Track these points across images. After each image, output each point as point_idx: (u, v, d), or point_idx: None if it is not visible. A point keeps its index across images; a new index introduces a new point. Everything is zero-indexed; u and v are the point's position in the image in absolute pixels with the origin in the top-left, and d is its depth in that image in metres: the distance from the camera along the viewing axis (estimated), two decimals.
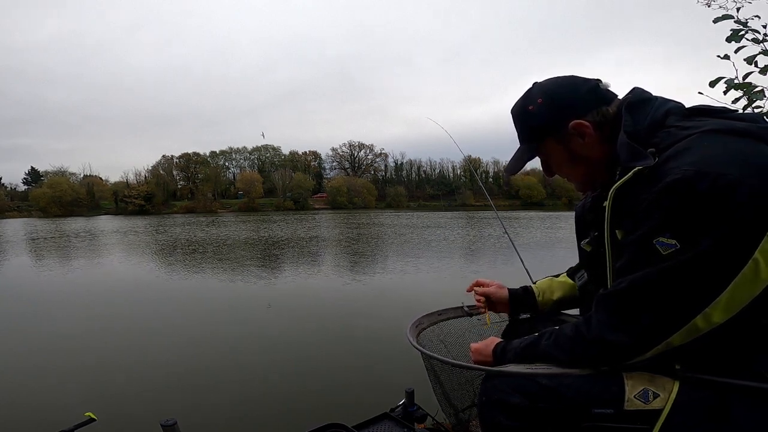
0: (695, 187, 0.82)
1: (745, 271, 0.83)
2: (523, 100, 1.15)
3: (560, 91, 1.10)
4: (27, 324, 6.15)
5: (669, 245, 0.86)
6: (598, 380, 1.00)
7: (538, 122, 1.11)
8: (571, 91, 1.09)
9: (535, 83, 1.15)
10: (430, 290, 8.05)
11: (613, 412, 0.97)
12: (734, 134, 0.90)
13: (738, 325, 0.88)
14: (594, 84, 1.09)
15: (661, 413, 0.94)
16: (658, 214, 0.86)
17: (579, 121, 1.05)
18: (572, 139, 1.08)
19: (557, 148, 1.11)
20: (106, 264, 12.84)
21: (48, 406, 3.54)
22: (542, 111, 1.10)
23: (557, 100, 1.09)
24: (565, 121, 1.07)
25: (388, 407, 2.14)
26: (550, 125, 1.09)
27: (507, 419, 1.05)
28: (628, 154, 0.96)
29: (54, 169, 77.79)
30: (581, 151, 1.09)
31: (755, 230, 0.82)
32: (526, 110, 1.13)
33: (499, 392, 1.07)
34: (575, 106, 1.07)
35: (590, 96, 1.07)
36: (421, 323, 1.64)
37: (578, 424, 0.99)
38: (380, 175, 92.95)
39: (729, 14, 2.12)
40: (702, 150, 0.86)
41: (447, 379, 1.54)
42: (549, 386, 1.02)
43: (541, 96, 1.11)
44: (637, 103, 1.03)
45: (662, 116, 0.99)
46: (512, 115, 1.19)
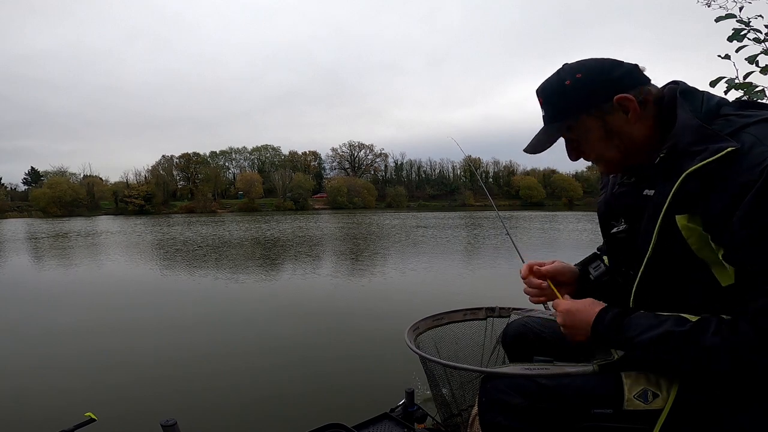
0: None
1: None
2: (557, 77, 1.09)
3: (601, 66, 1.06)
4: (27, 324, 6.14)
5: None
6: (597, 381, 1.01)
7: (576, 97, 1.05)
8: (613, 66, 1.05)
9: (566, 63, 1.11)
10: (430, 290, 8.04)
11: (612, 412, 0.97)
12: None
13: None
14: (634, 65, 1.06)
15: (660, 413, 0.94)
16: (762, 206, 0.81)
17: (625, 95, 1.01)
18: (614, 114, 1.03)
19: (594, 124, 1.06)
20: (106, 264, 12.84)
21: (48, 406, 3.54)
22: (582, 85, 1.05)
23: (599, 75, 1.05)
24: (607, 95, 1.02)
25: (388, 407, 2.14)
26: (590, 99, 1.04)
27: (507, 419, 1.05)
28: (698, 137, 0.92)
29: (54, 170, 77.87)
30: (622, 127, 1.04)
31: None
32: (563, 85, 1.07)
33: (499, 392, 1.07)
34: (618, 81, 1.03)
35: (632, 74, 1.05)
36: (419, 327, 1.64)
37: (579, 424, 0.99)
38: (380, 175, 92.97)
39: (731, 13, 2.12)
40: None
41: (444, 382, 1.54)
42: (548, 386, 1.02)
43: (580, 71, 1.06)
44: (688, 92, 1.01)
45: (715, 106, 0.97)
46: (542, 93, 1.12)
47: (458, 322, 1.74)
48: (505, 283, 8.42)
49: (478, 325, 1.75)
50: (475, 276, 9.69)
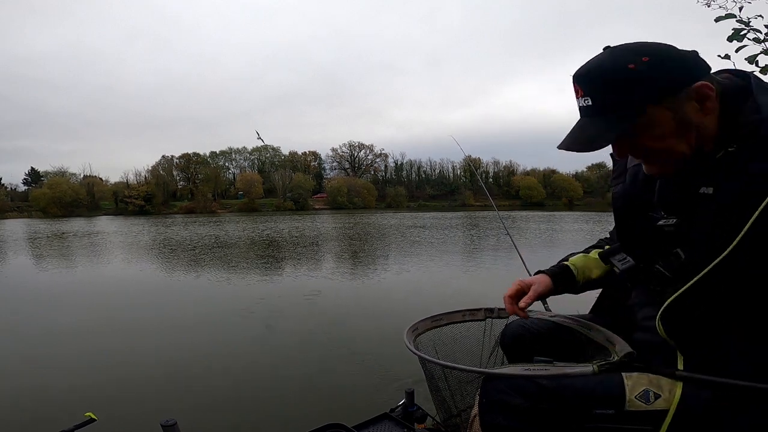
0: None
1: None
2: (614, 59, 0.92)
3: (668, 49, 0.92)
4: (26, 324, 6.15)
5: None
6: (598, 381, 1.00)
7: (646, 83, 0.89)
8: (682, 52, 0.92)
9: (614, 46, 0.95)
10: (430, 290, 8.04)
11: (614, 413, 0.97)
12: None
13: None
14: (695, 51, 0.94)
15: (664, 414, 0.93)
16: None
17: (705, 82, 0.89)
18: (688, 104, 0.90)
19: (666, 115, 0.91)
20: (106, 264, 12.84)
21: (48, 406, 3.54)
22: (652, 69, 0.89)
23: (671, 59, 0.90)
24: (684, 81, 0.89)
25: (388, 407, 2.14)
26: (666, 86, 0.89)
27: (507, 420, 1.04)
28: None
29: (54, 170, 77.82)
30: (696, 119, 0.91)
31: None
32: (625, 69, 0.90)
33: (500, 393, 1.06)
34: (694, 66, 0.91)
35: (701, 61, 0.93)
36: (417, 328, 1.64)
37: (581, 425, 0.99)
38: (380, 176, 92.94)
39: (731, 13, 2.12)
40: None
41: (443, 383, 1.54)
42: (549, 387, 1.01)
43: (646, 54, 0.90)
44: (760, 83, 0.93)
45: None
46: (590, 79, 0.95)
47: (457, 323, 1.74)
48: (505, 283, 8.41)
49: (477, 326, 1.75)
50: (474, 276, 9.69)
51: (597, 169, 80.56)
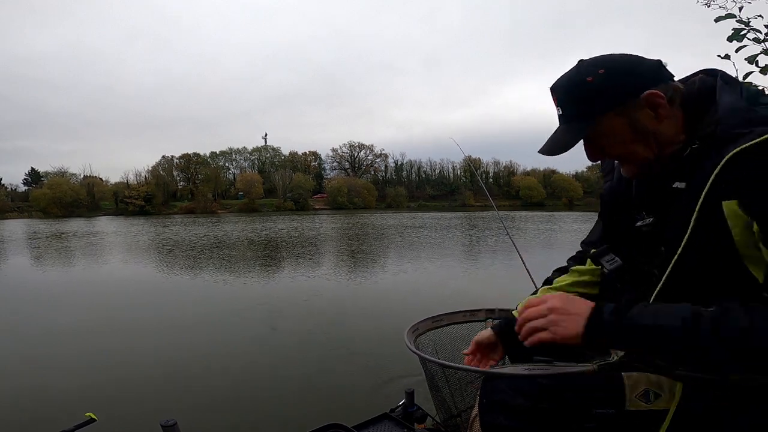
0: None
1: None
2: (578, 73, 1.03)
3: (625, 61, 1.01)
4: (26, 323, 6.15)
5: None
6: (598, 381, 1.00)
7: (599, 94, 0.99)
8: (636, 62, 1.01)
9: (582, 59, 1.05)
10: (430, 290, 8.04)
11: (614, 413, 0.97)
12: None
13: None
14: (658, 60, 1.02)
15: (664, 414, 0.93)
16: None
17: (653, 91, 0.96)
18: (641, 112, 0.98)
19: (620, 122, 0.99)
20: (105, 264, 12.84)
21: (48, 406, 3.54)
22: (605, 81, 0.99)
23: (623, 70, 0.99)
24: (633, 91, 0.97)
25: (388, 407, 2.14)
26: (616, 96, 0.98)
27: (508, 420, 1.04)
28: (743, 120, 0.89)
29: (54, 170, 77.85)
30: (650, 125, 0.98)
31: None
32: (584, 81, 1.01)
33: (500, 393, 1.06)
34: (644, 76, 0.99)
35: (657, 69, 1.00)
36: (418, 328, 1.64)
37: (581, 425, 0.99)
38: (380, 176, 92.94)
39: (731, 13, 2.12)
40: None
41: (443, 383, 1.54)
42: (549, 387, 1.01)
43: (602, 67, 1.00)
44: (730, 80, 0.98)
45: (755, 95, 0.95)
46: (560, 90, 1.05)
47: (458, 323, 1.74)
48: (506, 284, 8.42)
49: (477, 327, 1.75)
50: (474, 276, 9.69)
51: (597, 170, 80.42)
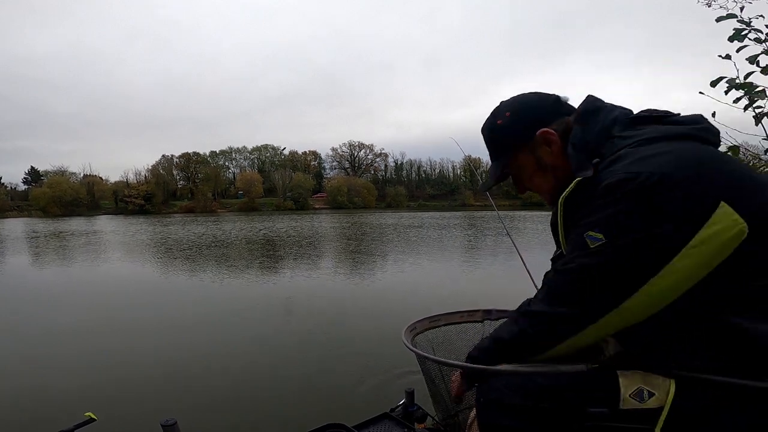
0: (625, 187, 0.89)
1: (669, 267, 0.87)
2: (492, 117, 1.21)
3: (525, 103, 1.17)
4: (26, 323, 6.15)
5: (596, 239, 0.93)
6: (594, 379, 1.01)
7: (507, 135, 1.17)
8: (536, 103, 1.16)
9: (502, 101, 1.22)
10: (430, 290, 8.04)
11: (608, 412, 0.97)
12: (670, 139, 0.96)
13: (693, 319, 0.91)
14: (555, 97, 1.17)
15: (658, 412, 0.94)
16: (591, 213, 0.95)
17: (545, 129, 1.11)
18: (540, 148, 1.13)
19: (527, 159, 1.16)
20: (105, 263, 12.84)
21: (48, 405, 3.54)
22: (510, 123, 1.16)
23: (523, 112, 1.16)
24: (532, 131, 1.13)
25: (388, 407, 2.14)
26: (519, 136, 1.15)
27: (506, 419, 1.05)
28: (575, 165, 1.04)
29: (54, 169, 77.90)
30: (549, 160, 1.13)
31: (683, 227, 0.86)
32: (495, 125, 1.19)
33: (497, 392, 1.07)
34: (540, 116, 1.14)
35: (553, 107, 1.15)
36: (416, 328, 1.64)
37: (580, 424, 0.99)
38: (380, 175, 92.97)
39: (732, 13, 2.12)
40: (635, 155, 0.94)
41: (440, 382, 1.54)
42: (547, 385, 1.02)
43: (509, 110, 1.18)
44: (588, 114, 1.09)
45: (609, 126, 1.05)
46: (483, 134, 1.24)
47: (455, 324, 1.74)
48: (506, 284, 8.42)
49: (474, 328, 1.75)
50: (474, 277, 9.69)
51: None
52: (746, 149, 2.58)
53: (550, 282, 1.05)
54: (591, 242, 0.94)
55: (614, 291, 0.93)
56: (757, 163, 2.53)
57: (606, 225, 0.92)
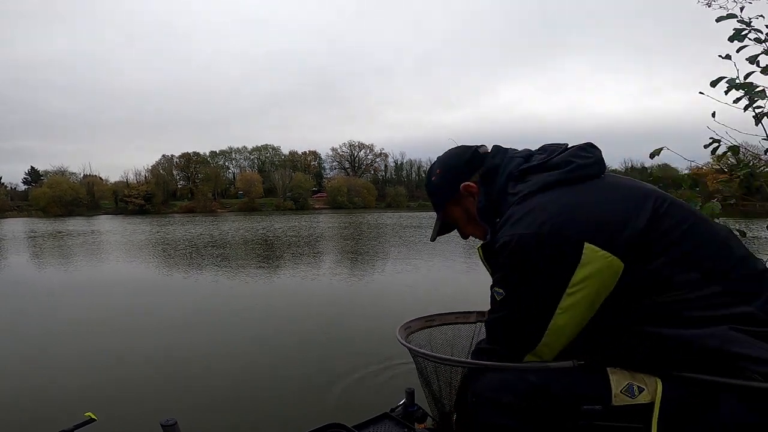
0: (506, 249, 1.03)
1: (560, 308, 1.00)
2: (428, 174, 1.34)
3: (451, 159, 1.29)
4: (26, 323, 6.14)
5: (500, 293, 1.08)
6: (585, 377, 1.02)
7: (439, 190, 1.30)
8: (458, 158, 1.27)
9: (438, 157, 1.34)
10: (429, 291, 8.04)
11: (601, 409, 0.98)
12: (545, 189, 1.07)
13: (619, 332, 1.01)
14: (474, 149, 1.26)
15: (650, 407, 0.95)
16: (495, 271, 1.11)
17: (466, 183, 1.23)
18: (467, 200, 1.25)
19: (458, 210, 1.29)
20: (105, 263, 12.84)
21: (48, 405, 3.53)
22: (440, 180, 1.29)
23: (449, 168, 1.28)
24: (457, 184, 1.24)
25: (388, 407, 2.14)
26: (447, 191, 1.27)
27: (499, 418, 1.06)
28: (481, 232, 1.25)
29: (54, 169, 77.84)
30: (473, 210, 1.25)
31: (561, 273, 0.98)
32: (431, 182, 1.32)
33: (490, 391, 1.08)
34: (463, 170, 1.25)
35: (473, 160, 1.24)
36: (410, 327, 1.65)
37: (574, 422, 1.00)
38: (380, 175, 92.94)
39: (732, 13, 2.12)
40: (514, 217, 1.06)
41: (434, 379, 1.54)
42: (539, 384, 1.03)
43: (439, 167, 1.30)
44: (490, 172, 1.21)
45: (504, 182, 1.16)
46: (425, 188, 1.38)
47: (449, 324, 1.75)
48: None
49: (468, 329, 1.76)
50: (473, 277, 9.69)
51: None
52: (746, 149, 2.58)
53: (486, 327, 1.21)
54: (497, 296, 1.09)
55: (527, 333, 1.06)
56: (757, 163, 2.53)
57: (501, 282, 1.08)
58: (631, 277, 0.96)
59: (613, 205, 1.02)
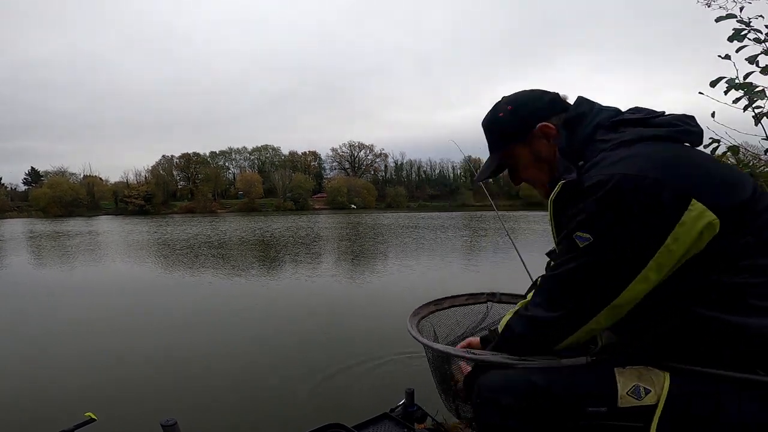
0: (601, 189, 0.94)
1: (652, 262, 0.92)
2: (493, 110, 1.26)
3: (526, 98, 1.22)
4: (26, 323, 6.15)
5: (584, 239, 0.97)
6: (591, 378, 1.01)
7: (507, 127, 1.22)
8: (536, 98, 1.21)
9: (503, 96, 1.27)
10: (429, 291, 8.04)
11: (606, 410, 0.97)
12: (646, 141, 1.01)
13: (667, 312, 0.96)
14: (555, 94, 1.22)
15: (653, 409, 0.94)
16: (577, 214, 0.99)
17: (545, 123, 1.16)
18: (538, 141, 1.18)
19: (524, 151, 1.21)
20: (105, 263, 12.84)
21: (48, 405, 3.54)
22: (512, 116, 1.21)
23: (524, 106, 1.21)
24: (531, 124, 1.18)
25: (388, 407, 2.14)
26: (518, 129, 1.20)
27: (502, 419, 1.05)
28: (561, 169, 1.09)
29: (54, 170, 77.85)
30: (546, 153, 1.18)
31: (661, 224, 0.90)
32: (497, 117, 1.25)
33: (492, 392, 1.07)
34: (540, 111, 1.18)
35: (552, 103, 1.20)
36: (419, 313, 1.65)
37: (575, 423, 0.99)
38: (380, 176, 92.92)
39: (732, 13, 2.12)
40: (611, 158, 0.99)
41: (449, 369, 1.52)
42: (542, 385, 1.02)
43: (510, 104, 1.23)
44: (574, 119, 1.14)
45: (593, 130, 1.10)
46: (483, 126, 1.29)
47: (459, 306, 1.74)
48: (506, 283, 8.41)
49: (478, 309, 1.75)
50: (474, 277, 9.69)
51: None
52: (746, 149, 2.58)
53: (544, 286, 1.09)
54: (580, 242, 0.98)
55: (605, 289, 0.97)
56: (757, 163, 2.53)
57: (591, 225, 0.96)
58: (715, 246, 0.90)
59: (721, 170, 0.98)
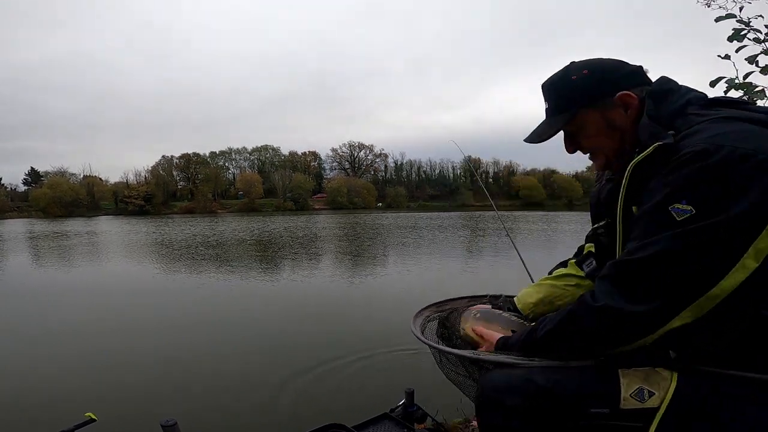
0: (711, 157, 0.84)
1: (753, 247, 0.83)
2: (564, 72, 1.16)
3: (607, 64, 1.13)
4: (26, 323, 6.14)
5: (685, 211, 0.86)
6: (594, 379, 1.00)
7: (581, 91, 1.12)
8: (618, 66, 1.13)
9: (573, 61, 1.18)
10: (430, 291, 8.04)
11: (609, 412, 0.97)
12: (748, 121, 0.92)
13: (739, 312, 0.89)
14: (638, 66, 1.13)
15: (655, 411, 0.94)
16: (675, 183, 0.88)
17: (628, 92, 1.08)
18: (615, 110, 1.10)
19: (595, 117, 1.11)
20: (105, 263, 12.84)
21: (48, 406, 3.54)
22: (588, 80, 1.11)
23: (604, 73, 1.11)
24: (609, 91, 1.09)
25: (388, 407, 2.14)
26: (594, 94, 1.11)
27: (504, 419, 1.04)
28: (648, 134, 1.00)
29: (54, 170, 77.81)
30: (621, 122, 1.09)
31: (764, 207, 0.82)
32: (569, 79, 1.14)
33: (495, 392, 1.06)
34: (621, 80, 1.10)
35: (633, 74, 1.11)
36: (423, 314, 1.65)
37: (576, 423, 0.99)
38: (380, 176, 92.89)
39: (732, 13, 2.12)
40: (717, 129, 0.90)
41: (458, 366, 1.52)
42: (545, 386, 1.01)
43: (587, 68, 1.13)
44: (661, 93, 1.06)
45: (683, 105, 1.02)
46: (547, 87, 1.18)
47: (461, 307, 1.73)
48: (505, 283, 8.41)
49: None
50: (474, 277, 9.69)
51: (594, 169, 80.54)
52: None
53: (624, 270, 0.93)
54: (677, 215, 0.86)
55: (702, 275, 0.86)
56: None
57: (693, 196, 0.85)
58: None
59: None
